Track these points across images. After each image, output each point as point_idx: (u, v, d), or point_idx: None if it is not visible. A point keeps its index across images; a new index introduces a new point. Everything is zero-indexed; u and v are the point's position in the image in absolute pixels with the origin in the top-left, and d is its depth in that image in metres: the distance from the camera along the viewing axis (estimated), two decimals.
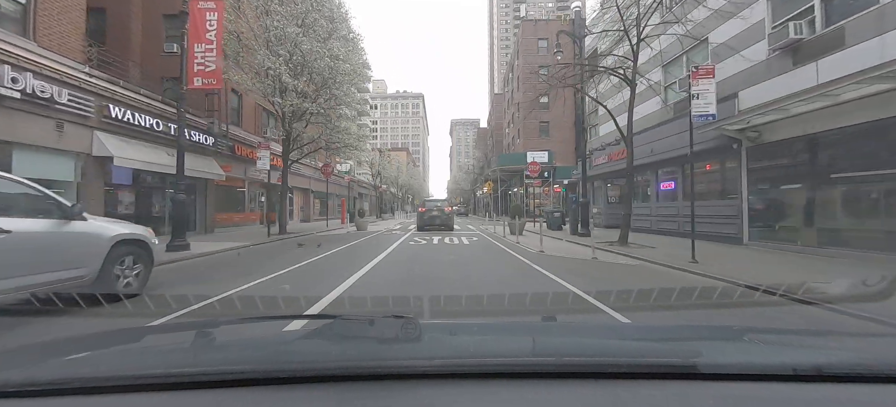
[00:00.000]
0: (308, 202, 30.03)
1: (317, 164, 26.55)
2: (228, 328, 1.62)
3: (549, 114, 37.01)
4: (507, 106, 48.62)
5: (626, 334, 1.68)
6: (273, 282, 6.36)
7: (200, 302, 4.52)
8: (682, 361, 0.98)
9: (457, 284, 6.06)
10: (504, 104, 53.06)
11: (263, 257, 9.63)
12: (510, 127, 45.68)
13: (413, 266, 8.13)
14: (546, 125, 37.16)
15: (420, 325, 1.20)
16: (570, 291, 5.60)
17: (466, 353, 1.12)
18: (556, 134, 36.80)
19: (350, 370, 0.93)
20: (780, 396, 0.87)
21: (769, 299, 4.85)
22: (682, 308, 4.35)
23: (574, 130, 37.06)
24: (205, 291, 5.22)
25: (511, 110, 45.15)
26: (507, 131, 48.14)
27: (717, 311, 4.53)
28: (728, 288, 5.49)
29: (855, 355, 1.13)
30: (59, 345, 1.30)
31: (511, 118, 45.86)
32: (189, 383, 0.90)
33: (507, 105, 48.46)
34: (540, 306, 4.65)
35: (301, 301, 4.86)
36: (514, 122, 43.90)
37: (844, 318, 4.22)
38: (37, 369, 0.98)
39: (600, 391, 0.89)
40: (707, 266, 7.54)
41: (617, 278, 6.73)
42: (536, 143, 35.37)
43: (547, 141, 35.87)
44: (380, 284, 6.18)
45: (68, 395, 0.86)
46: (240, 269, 7.83)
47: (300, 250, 11.21)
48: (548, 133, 37.07)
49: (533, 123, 36.95)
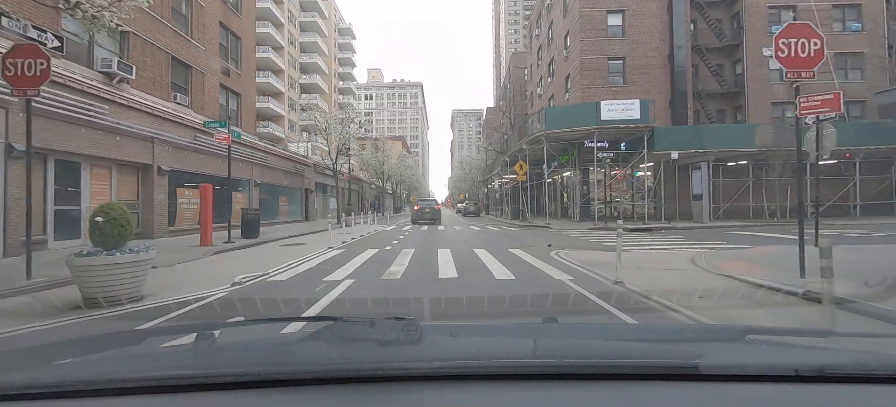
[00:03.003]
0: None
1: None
2: (228, 330, 1.64)
3: (623, 44, 22.65)
4: (537, 58, 34.37)
5: (627, 335, 1.66)
6: None
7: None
8: (684, 362, 0.96)
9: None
10: (529, 62, 38.83)
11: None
12: (544, 84, 31.47)
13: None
14: (619, 64, 22.93)
15: (421, 326, 1.16)
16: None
17: (467, 354, 1.09)
18: (637, 79, 22.60)
19: (350, 372, 0.93)
20: (782, 397, 0.87)
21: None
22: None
23: (670, 68, 22.78)
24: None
25: (545, 60, 30.90)
26: (538, 92, 33.82)
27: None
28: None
29: (857, 356, 1.08)
30: (58, 347, 1.31)
31: (544, 75, 31.66)
32: (189, 386, 0.89)
33: (538, 56, 34.20)
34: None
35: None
36: (552, 73, 29.66)
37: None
38: (37, 372, 1.00)
39: (601, 392, 0.88)
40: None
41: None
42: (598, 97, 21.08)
43: (620, 92, 21.70)
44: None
45: (68, 397, 0.87)
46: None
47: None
48: (622, 78, 22.86)
49: (594, 63, 22.74)
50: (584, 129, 18.90)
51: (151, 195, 13.01)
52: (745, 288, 5.40)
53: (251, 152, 19.41)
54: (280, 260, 8.75)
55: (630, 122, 18.48)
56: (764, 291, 5.14)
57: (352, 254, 9.66)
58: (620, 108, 18.55)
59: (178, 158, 14.20)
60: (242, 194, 19.06)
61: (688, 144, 18.70)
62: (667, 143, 18.66)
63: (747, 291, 5.25)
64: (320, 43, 53.46)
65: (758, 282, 5.45)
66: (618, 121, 18.43)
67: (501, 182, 34.85)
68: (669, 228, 17.14)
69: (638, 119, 18.48)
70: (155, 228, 13.01)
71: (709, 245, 10.83)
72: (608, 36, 22.85)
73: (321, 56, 54.26)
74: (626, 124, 18.46)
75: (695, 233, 14.99)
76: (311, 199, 28.88)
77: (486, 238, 14.04)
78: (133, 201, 12.84)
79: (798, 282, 5.19)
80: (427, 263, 8.16)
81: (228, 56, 18.37)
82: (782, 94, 22.59)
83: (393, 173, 50.24)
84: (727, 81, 23.56)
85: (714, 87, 23.57)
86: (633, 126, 18.51)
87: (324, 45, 54.88)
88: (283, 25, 46.55)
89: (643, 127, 18.53)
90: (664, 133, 19.13)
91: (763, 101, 22.50)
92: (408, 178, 59.84)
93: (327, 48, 57.13)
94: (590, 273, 6.68)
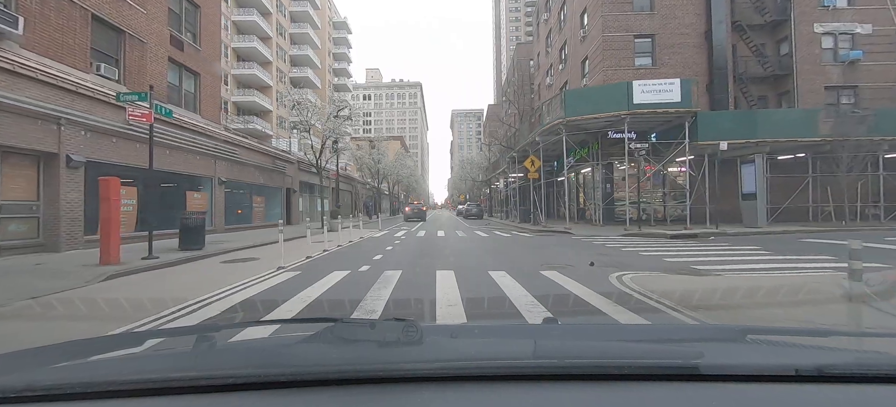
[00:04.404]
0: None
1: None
2: (228, 332, 1.60)
3: (651, 20, 19.54)
4: (546, 45, 31.15)
5: (627, 336, 1.62)
6: None
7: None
8: (684, 362, 0.96)
9: None
10: (536, 51, 35.60)
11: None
12: (555, 73, 28.20)
13: None
14: (647, 43, 19.70)
15: (421, 328, 1.11)
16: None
17: (468, 355, 1.08)
18: (668, 60, 19.39)
19: (350, 374, 0.92)
20: (783, 397, 0.86)
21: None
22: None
23: (707, 47, 19.61)
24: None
25: (556, 45, 27.67)
26: (547, 82, 30.55)
27: None
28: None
29: (858, 355, 1.12)
30: (58, 349, 1.28)
31: (555, 63, 28.48)
32: (189, 388, 0.88)
33: (546, 43, 30.96)
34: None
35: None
36: (565, 59, 26.49)
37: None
38: (36, 374, 0.99)
39: (602, 393, 0.88)
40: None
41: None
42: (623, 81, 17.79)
43: (648, 75, 18.47)
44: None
45: (68, 400, 0.86)
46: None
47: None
48: (651, 59, 19.62)
49: (618, 42, 19.55)
50: (611, 116, 15.72)
51: (57, 194, 9.81)
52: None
53: (215, 144, 16.24)
54: (200, 290, 5.58)
55: (669, 106, 15.29)
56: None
57: (308, 279, 6.45)
58: (657, 89, 15.38)
59: (102, 147, 10.99)
60: (202, 194, 15.87)
61: (737, 133, 15.52)
62: (712, 131, 15.45)
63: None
64: (312, 35, 50.31)
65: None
66: (654, 105, 15.26)
67: (507, 181, 31.61)
68: (718, 233, 13.98)
69: (678, 102, 15.29)
70: (61, 236, 9.81)
71: (809, 262, 7.66)
72: (634, 10, 19.67)
73: (313, 49, 51.10)
74: (665, 109, 15.27)
75: (758, 241, 11.81)
76: (295, 200, 25.67)
77: (500, 249, 10.85)
78: (29, 202, 9.64)
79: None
80: (419, 300, 4.98)
81: (183, 27, 15.19)
82: (837, 76, 19.46)
83: (389, 173, 46.92)
84: (771, 63, 20.39)
85: (755, 70, 20.39)
86: (672, 111, 15.31)
87: (316, 38, 51.73)
88: (271, 14, 43.40)
89: (684, 112, 15.33)
90: (709, 120, 15.91)
91: (815, 84, 19.33)
92: (405, 178, 56.50)
93: (320, 41, 53.96)
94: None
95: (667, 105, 15.23)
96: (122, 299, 5.09)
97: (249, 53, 40.02)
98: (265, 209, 21.30)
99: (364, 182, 45.16)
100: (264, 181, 20.99)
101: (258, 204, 20.60)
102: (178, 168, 14.43)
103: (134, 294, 5.53)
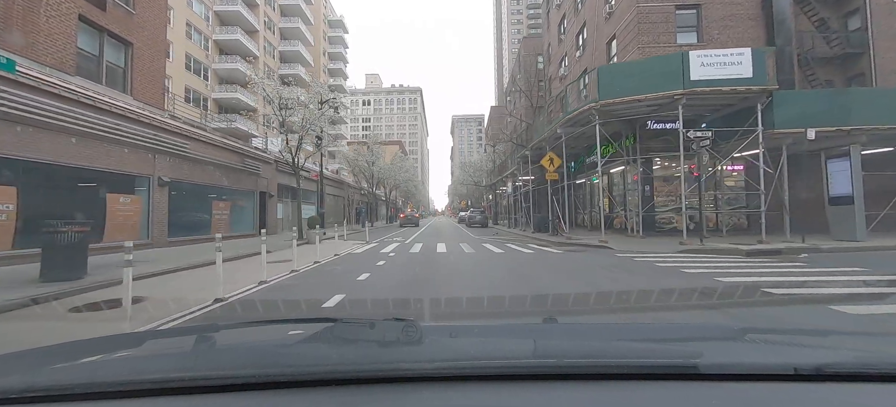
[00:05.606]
0: None
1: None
2: (228, 333, 1.59)
3: None
4: (559, 34, 27.65)
5: (626, 335, 1.56)
6: None
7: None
8: (683, 362, 0.95)
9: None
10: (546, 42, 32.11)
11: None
12: (571, 61, 24.59)
13: None
14: (691, 15, 16.17)
15: (421, 327, 1.14)
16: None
17: (467, 355, 1.06)
18: (718, 35, 15.82)
19: (350, 374, 0.91)
20: (782, 396, 0.85)
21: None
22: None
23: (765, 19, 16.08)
24: None
25: (572, 30, 24.16)
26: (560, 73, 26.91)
27: None
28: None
29: (856, 355, 1.09)
30: (58, 350, 1.27)
31: (569, 51, 24.98)
32: (188, 388, 0.87)
33: (559, 31, 27.46)
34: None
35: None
36: (582, 45, 22.98)
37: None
38: (36, 375, 0.98)
39: (601, 392, 0.87)
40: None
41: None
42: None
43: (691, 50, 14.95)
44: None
45: (68, 400, 0.85)
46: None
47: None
48: (697, 35, 16.07)
49: (656, 14, 16.03)
50: (663, 96, 12.17)
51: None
52: None
53: (154, 134, 12.72)
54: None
55: (738, 83, 11.74)
56: None
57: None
58: (721, 60, 11.83)
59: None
60: (135, 197, 12.30)
61: (825, 118, 11.97)
62: (794, 114, 11.87)
63: None
64: (304, 30, 47.00)
65: None
66: (718, 81, 11.72)
67: (516, 184, 27.97)
68: (809, 249, 10.42)
69: (749, 78, 11.74)
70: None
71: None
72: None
73: (305, 45, 47.77)
74: (733, 86, 11.72)
75: (870, 260, 8.25)
76: (272, 206, 22.10)
77: (530, 277, 7.25)
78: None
79: None
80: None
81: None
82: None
83: (385, 177, 43.30)
84: (839, 40, 16.92)
85: (820, 49, 16.92)
86: (743, 89, 11.74)
87: (308, 34, 48.44)
88: (258, 6, 40.15)
89: (758, 90, 11.78)
90: (790, 100, 12.31)
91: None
92: (403, 182, 52.89)
93: (314, 39, 50.69)
94: None
95: (735, 81, 11.69)
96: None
97: (232, 46, 36.69)
98: (230, 217, 17.70)
99: (358, 187, 41.57)
100: (229, 183, 17.43)
101: (220, 211, 17.00)
102: (98, 164, 10.90)
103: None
